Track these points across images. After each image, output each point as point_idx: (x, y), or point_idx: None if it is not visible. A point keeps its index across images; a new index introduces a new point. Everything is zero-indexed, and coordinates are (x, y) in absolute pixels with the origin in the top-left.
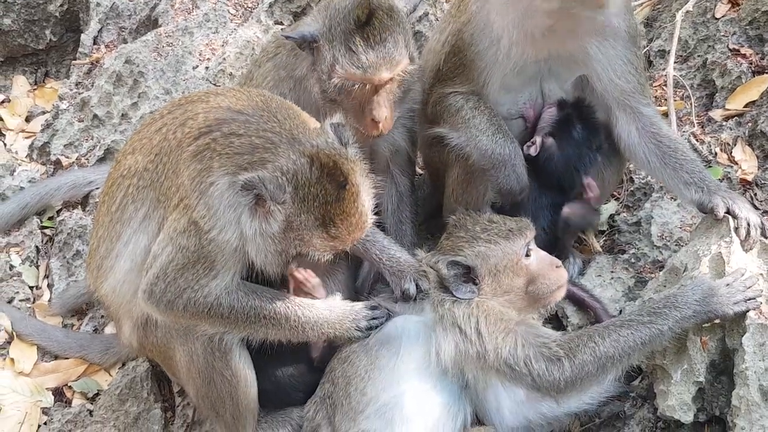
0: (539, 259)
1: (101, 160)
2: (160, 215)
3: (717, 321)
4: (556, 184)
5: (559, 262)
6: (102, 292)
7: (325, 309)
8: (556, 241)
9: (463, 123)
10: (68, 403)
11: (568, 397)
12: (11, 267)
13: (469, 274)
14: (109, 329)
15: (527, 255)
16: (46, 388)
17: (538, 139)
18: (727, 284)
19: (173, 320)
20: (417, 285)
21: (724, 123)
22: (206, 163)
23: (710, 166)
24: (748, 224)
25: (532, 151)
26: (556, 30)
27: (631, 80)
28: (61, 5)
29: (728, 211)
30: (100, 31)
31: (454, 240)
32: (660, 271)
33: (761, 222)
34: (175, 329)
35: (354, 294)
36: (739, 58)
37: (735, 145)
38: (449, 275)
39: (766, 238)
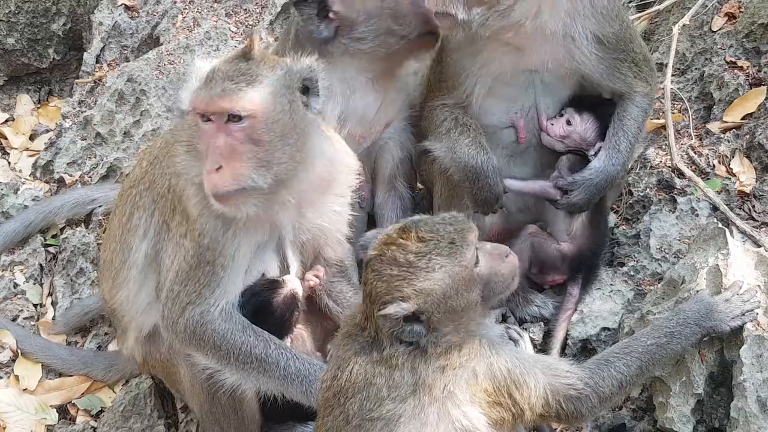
0: (487, 258)
1: (104, 178)
2: (156, 220)
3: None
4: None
5: (507, 249)
6: (117, 301)
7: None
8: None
9: (445, 135)
10: (72, 420)
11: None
12: (15, 285)
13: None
14: (112, 346)
15: (476, 263)
16: (51, 406)
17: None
18: (726, 300)
19: (178, 346)
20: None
21: (721, 135)
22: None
23: (709, 179)
24: None
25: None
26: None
27: (618, 76)
28: (64, 24)
29: None
30: (102, 49)
31: (388, 280)
32: (659, 283)
33: None
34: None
35: None
36: (736, 71)
37: (733, 157)
38: (396, 328)
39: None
